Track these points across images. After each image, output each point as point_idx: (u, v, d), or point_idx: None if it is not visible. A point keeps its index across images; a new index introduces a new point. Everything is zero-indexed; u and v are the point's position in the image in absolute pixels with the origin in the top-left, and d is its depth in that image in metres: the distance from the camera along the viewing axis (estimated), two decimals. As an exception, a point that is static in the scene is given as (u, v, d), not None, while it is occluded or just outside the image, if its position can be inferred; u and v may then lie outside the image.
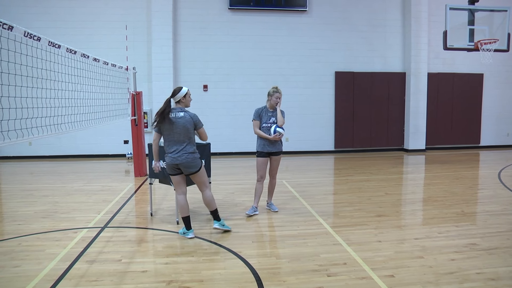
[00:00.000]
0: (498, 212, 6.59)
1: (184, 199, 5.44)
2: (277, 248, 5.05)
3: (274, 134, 6.19)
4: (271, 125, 6.27)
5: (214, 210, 5.57)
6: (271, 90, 6.34)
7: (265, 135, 6.26)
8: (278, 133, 6.17)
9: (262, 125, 6.34)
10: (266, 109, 6.40)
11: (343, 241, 5.22)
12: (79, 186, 8.75)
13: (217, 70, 13.31)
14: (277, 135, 6.19)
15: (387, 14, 14.20)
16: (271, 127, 6.25)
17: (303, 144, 14.07)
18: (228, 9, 13.25)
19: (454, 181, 9.17)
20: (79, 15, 12.65)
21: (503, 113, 15.44)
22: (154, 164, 5.59)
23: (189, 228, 5.43)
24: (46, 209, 6.87)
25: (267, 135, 6.25)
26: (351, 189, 8.43)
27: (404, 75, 14.45)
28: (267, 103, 6.43)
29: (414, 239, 5.34)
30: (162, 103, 5.31)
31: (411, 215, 6.58)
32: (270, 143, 6.33)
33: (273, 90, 6.32)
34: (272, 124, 6.27)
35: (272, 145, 6.35)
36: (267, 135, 6.25)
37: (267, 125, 6.30)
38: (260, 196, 6.60)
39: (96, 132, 12.62)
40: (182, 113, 5.25)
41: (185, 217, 5.41)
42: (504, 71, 15.18)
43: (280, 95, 6.32)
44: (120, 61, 9.63)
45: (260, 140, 6.39)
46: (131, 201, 7.45)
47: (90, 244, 5.11)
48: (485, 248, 4.98)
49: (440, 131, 14.86)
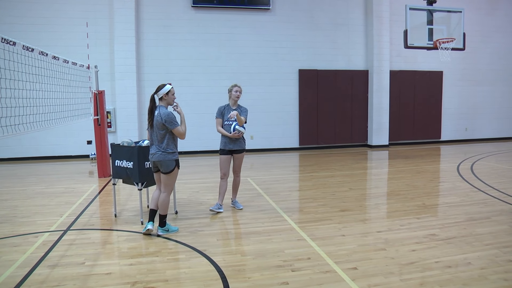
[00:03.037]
0: (456, 204, 6.84)
1: (159, 194, 5.48)
2: (242, 245, 5.06)
3: (233, 132, 6.27)
4: (232, 122, 6.34)
5: (162, 215, 5.44)
6: (230, 86, 6.48)
7: (226, 133, 6.35)
8: (238, 131, 6.26)
9: (224, 123, 6.43)
10: (229, 107, 6.49)
11: (307, 237, 5.29)
12: (41, 189, 8.50)
13: (181, 68, 13.21)
14: (236, 132, 6.27)
15: (350, 13, 14.45)
16: (231, 124, 6.33)
17: (268, 141, 14.14)
18: (191, 7, 13.16)
19: (416, 175, 9.44)
20: (37, 10, 12.23)
21: (462, 109, 16.02)
22: None
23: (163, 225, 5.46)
24: (4, 213, 6.63)
25: (227, 132, 6.33)
26: (316, 185, 8.54)
27: (367, 72, 14.74)
28: (229, 101, 6.51)
29: (377, 232, 5.47)
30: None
31: (374, 209, 6.74)
32: (232, 141, 6.40)
33: (232, 86, 6.46)
34: (233, 122, 6.33)
35: (234, 142, 6.42)
36: (228, 133, 6.33)
37: (228, 123, 6.38)
38: (225, 193, 6.63)
39: (58, 133, 12.27)
40: (157, 112, 5.25)
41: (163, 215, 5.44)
42: (462, 68, 15.74)
43: (240, 89, 6.44)
44: (81, 59, 9.40)
45: (222, 138, 6.47)
46: (95, 203, 7.30)
47: (52, 248, 4.96)
48: (444, 238, 5.16)
49: (403, 127, 15.26)
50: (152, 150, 5.37)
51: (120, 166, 5.99)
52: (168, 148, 5.27)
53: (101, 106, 9.65)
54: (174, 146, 5.37)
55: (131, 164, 5.83)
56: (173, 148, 5.34)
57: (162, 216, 5.43)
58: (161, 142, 5.27)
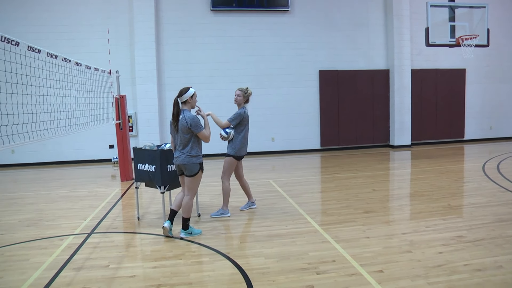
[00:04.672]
0: (483, 204, 6.67)
1: (182, 196, 5.52)
2: (266, 248, 5.03)
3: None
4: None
5: (185, 218, 5.45)
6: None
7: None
8: (220, 134, 6.32)
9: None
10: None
11: (332, 239, 5.22)
12: (65, 193, 8.64)
13: (201, 72, 13.25)
14: (220, 135, 6.34)
15: (369, 12, 14.30)
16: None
17: (289, 143, 14.07)
18: (210, 11, 13.21)
19: (440, 175, 9.25)
20: (60, 19, 12.47)
21: (485, 107, 15.67)
22: None
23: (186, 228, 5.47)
24: (30, 217, 6.75)
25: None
26: (338, 187, 8.46)
27: (388, 72, 14.55)
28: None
29: (402, 234, 5.37)
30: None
31: (398, 210, 6.62)
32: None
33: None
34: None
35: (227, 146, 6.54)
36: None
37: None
38: (250, 191, 6.88)
39: (81, 137, 12.45)
40: (181, 116, 5.28)
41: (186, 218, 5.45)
42: (485, 65, 15.39)
43: (240, 92, 6.40)
44: (103, 65, 9.53)
45: None
46: (118, 206, 7.37)
47: (77, 251, 5.03)
48: (471, 240, 5.03)
49: (425, 127, 15.00)
50: (176, 154, 5.39)
51: (143, 169, 6.03)
52: (192, 151, 5.28)
53: (122, 111, 9.75)
54: (199, 149, 5.38)
55: (153, 168, 5.86)
56: (198, 151, 5.35)
57: (185, 219, 5.44)
58: (185, 145, 5.28)
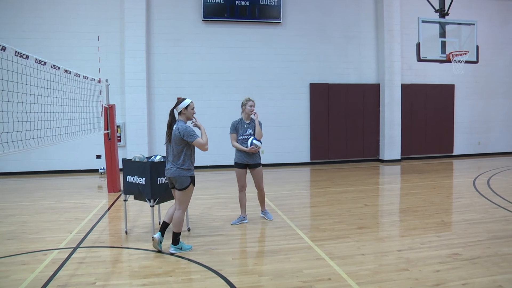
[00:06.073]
0: (477, 221, 6.60)
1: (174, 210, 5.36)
2: (259, 264, 4.87)
3: (250, 146, 6.28)
4: (248, 137, 6.39)
5: (176, 233, 5.27)
6: (244, 100, 6.51)
7: (242, 148, 6.38)
8: (255, 145, 6.26)
9: (239, 137, 6.46)
10: (242, 121, 6.52)
11: (326, 255, 5.09)
12: (50, 204, 8.37)
13: (191, 82, 13.11)
14: (253, 147, 6.28)
15: (361, 26, 14.35)
16: (247, 139, 6.36)
17: (278, 156, 13.95)
18: (202, 21, 13.12)
19: (431, 191, 9.20)
20: (48, 25, 12.25)
21: (474, 122, 15.77)
22: None
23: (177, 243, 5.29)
24: (12, 229, 6.49)
25: (243, 147, 6.35)
26: (330, 201, 8.34)
27: (378, 86, 14.58)
28: (242, 115, 6.55)
29: (398, 251, 5.26)
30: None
31: (392, 226, 6.52)
32: (247, 155, 6.43)
33: (245, 100, 6.49)
34: (249, 136, 6.39)
35: (249, 157, 6.45)
36: (244, 147, 6.34)
37: (243, 137, 6.43)
38: (245, 205, 6.72)
39: (67, 147, 12.17)
40: (175, 126, 5.17)
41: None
42: (474, 81, 15.52)
43: (254, 103, 6.46)
44: (93, 73, 9.35)
45: (237, 151, 6.52)
46: (105, 219, 7.15)
47: (61, 266, 4.80)
48: (468, 257, 4.94)
49: (415, 141, 15.02)
50: (167, 166, 5.24)
51: (132, 182, 5.86)
52: (184, 165, 5.13)
53: (111, 120, 9.56)
54: (191, 162, 5.24)
55: (143, 180, 5.69)
56: (189, 164, 5.21)
57: (176, 234, 5.26)
58: (177, 157, 5.14)
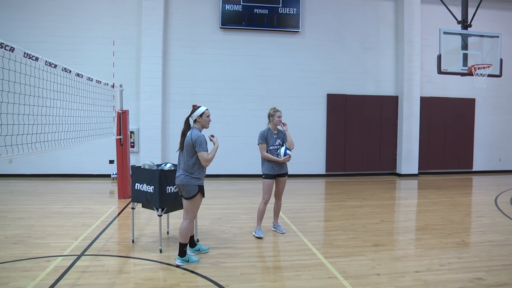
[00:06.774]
0: (501, 243, 6.25)
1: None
2: (268, 281, 4.63)
3: (284, 157, 6.22)
4: (278, 147, 6.33)
5: (182, 244, 5.08)
6: (271, 110, 6.42)
7: (275, 158, 6.27)
8: (288, 155, 6.22)
9: (269, 147, 6.35)
10: (271, 132, 6.43)
11: (339, 274, 4.83)
12: (59, 208, 8.26)
13: (207, 90, 12.99)
14: (287, 157, 6.22)
15: (380, 37, 14.09)
16: (278, 149, 6.31)
17: (293, 167, 13.58)
18: (219, 28, 13.03)
19: (451, 208, 8.85)
20: (65, 29, 12.26)
21: (495, 138, 15.30)
22: None
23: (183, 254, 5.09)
24: (19, 233, 6.37)
25: (276, 157, 6.24)
26: (345, 215, 8.06)
27: (396, 98, 14.26)
28: (269, 125, 6.46)
29: (415, 272, 4.98)
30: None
31: (409, 244, 6.22)
32: (278, 165, 6.35)
33: (273, 110, 6.41)
34: (280, 147, 6.34)
35: (280, 167, 6.38)
36: (277, 158, 6.25)
37: (274, 148, 6.35)
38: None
39: (80, 151, 12.10)
40: (188, 133, 5.03)
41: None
42: (495, 96, 15.10)
43: (281, 114, 6.37)
44: (107, 77, 9.27)
45: (267, 162, 6.38)
46: (113, 226, 7.00)
47: (63, 275, 4.64)
48: (493, 283, 4.62)
49: (433, 156, 14.62)
50: (177, 173, 5.10)
51: (140, 189, 5.69)
52: (193, 173, 4.97)
53: (124, 126, 9.45)
54: (200, 172, 5.06)
55: (151, 189, 5.52)
56: (199, 174, 5.04)
57: (182, 245, 5.07)
58: (187, 165, 4.98)
